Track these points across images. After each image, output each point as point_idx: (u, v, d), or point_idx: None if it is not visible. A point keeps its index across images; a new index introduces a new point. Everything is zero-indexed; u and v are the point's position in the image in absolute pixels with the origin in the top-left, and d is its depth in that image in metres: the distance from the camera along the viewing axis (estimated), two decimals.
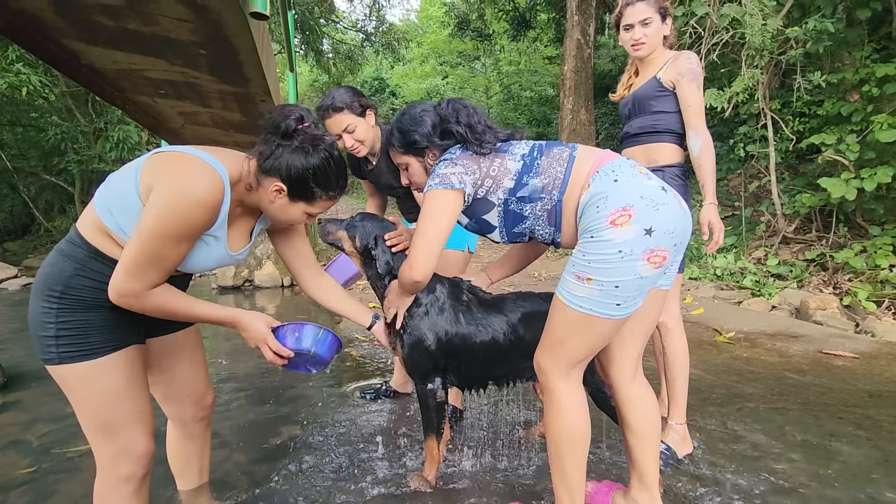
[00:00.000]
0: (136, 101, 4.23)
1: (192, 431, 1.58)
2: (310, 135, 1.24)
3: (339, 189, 1.30)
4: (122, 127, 9.71)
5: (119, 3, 2.33)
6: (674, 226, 1.24)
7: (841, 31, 4.89)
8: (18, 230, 13.99)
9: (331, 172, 1.25)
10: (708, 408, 2.48)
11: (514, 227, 1.44)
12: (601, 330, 1.28)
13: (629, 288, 1.22)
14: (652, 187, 1.25)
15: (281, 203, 1.26)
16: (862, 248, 4.81)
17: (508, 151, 1.43)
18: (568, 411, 1.34)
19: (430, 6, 23.24)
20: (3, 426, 2.52)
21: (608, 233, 1.21)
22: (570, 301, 1.28)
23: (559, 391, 1.34)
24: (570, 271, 1.29)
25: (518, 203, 1.39)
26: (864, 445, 2.08)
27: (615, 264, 1.20)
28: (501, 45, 14.00)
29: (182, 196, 1.10)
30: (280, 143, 1.21)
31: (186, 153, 1.17)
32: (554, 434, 1.37)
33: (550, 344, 1.35)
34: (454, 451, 2.04)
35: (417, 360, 1.70)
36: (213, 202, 1.15)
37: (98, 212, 1.17)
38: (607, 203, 1.23)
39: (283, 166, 1.21)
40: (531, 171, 1.37)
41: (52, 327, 1.16)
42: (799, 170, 6.20)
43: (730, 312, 4.41)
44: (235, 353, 3.75)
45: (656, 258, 1.22)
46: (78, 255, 1.18)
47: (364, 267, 1.82)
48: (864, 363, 3.12)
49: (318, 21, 15.62)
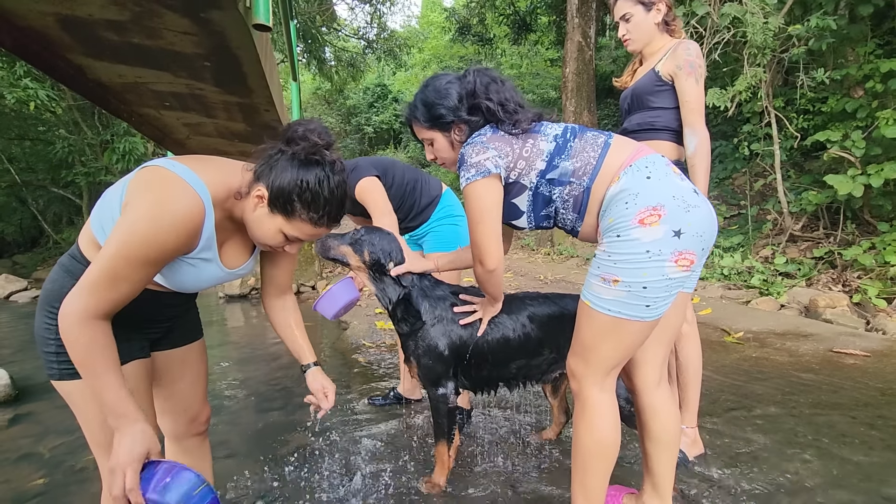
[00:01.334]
0: (141, 113, 4.28)
1: (187, 446, 1.56)
2: (313, 146, 1.13)
3: (326, 217, 1.16)
4: (128, 139, 9.83)
5: (124, 18, 2.36)
6: (703, 229, 1.21)
7: (844, 28, 4.87)
8: (28, 243, 14.16)
9: (320, 193, 1.12)
10: (717, 409, 2.46)
11: (542, 211, 1.38)
12: (632, 333, 1.24)
13: (658, 289, 1.18)
14: (685, 188, 1.21)
15: (259, 213, 1.16)
16: (871, 244, 4.77)
17: (541, 132, 1.36)
18: (600, 422, 1.30)
19: (431, 12, 23.36)
20: (15, 438, 2.54)
21: (636, 232, 1.17)
22: (598, 305, 1.24)
23: (593, 400, 1.30)
24: (595, 274, 1.25)
25: (547, 185, 1.33)
26: (877, 445, 2.05)
27: (643, 265, 1.17)
28: (503, 49, 14.03)
29: (154, 219, 1.03)
30: (281, 148, 1.14)
31: (170, 172, 1.08)
32: (582, 444, 1.33)
33: (581, 350, 1.31)
34: (464, 456, 2.04)
35: (431, 366, 1.70)
36: (188, 227, 1.07)
37: (93, 228, 1.15)
38: (637, 200, 1.18)
39: (273, 172, 1.12)
40: (563, 153, 1.31)
41: (52, 343, 1.15)
42: (804, 167, 6.16)
43: (738, 312, 4.38)
44: (244, 361, 3.77)
45: (684, 261, 1.18)
46: (77, 271, 1.15)
47: (373, 282, 1.75)
48: (875, 361, 3.08)
49: (320, 30, 15.75)
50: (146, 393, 1.29)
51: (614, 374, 1.32)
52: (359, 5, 16.98)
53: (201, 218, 1.10)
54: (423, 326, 1.70)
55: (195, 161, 1.16)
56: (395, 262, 1.70)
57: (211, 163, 1.18)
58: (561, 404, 2.11)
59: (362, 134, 20.74)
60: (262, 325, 5.37)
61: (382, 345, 3.97)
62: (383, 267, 1.70)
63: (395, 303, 1.72)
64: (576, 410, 1.35)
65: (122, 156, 9.74)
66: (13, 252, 13.83)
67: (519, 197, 1.37)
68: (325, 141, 1.15)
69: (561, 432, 2.18)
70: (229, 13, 2.30)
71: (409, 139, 19.39)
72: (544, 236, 8.93)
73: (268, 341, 4.47)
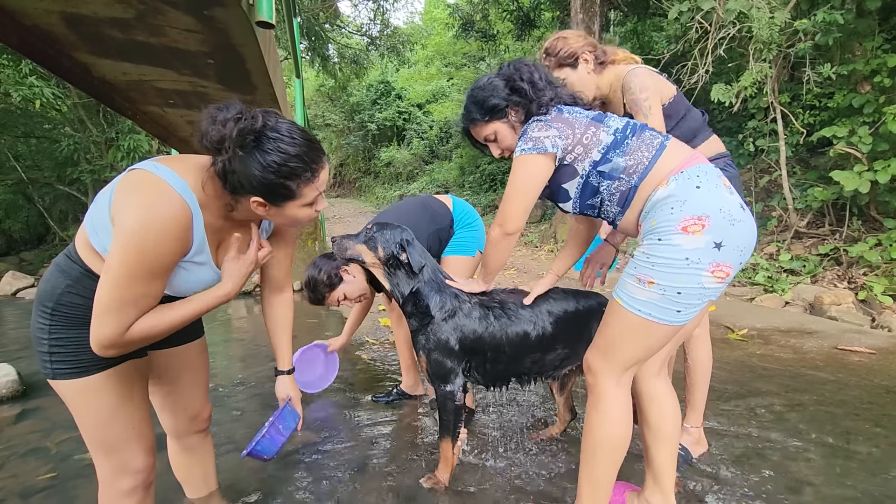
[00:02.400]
0: (146, 111, 4.30)
1: (187, 444, 1.57)
2: (246, 132, 1.06)
3: (315, 166, 1.14)
4: (132, 136, 9.86)
5: (128, 15, 2.37)
6: (745, 244, 1.22)
7: (851, 22, 4.82)
8: (34, 240, 14.25)
9: (294, 159, 1.09)
10: (722, 406, 2.45)
11: (588, 200, 1.40)
12: (658, 335, 1.26)
13: (691, 296, 1.20)
14: (732, 202, 1.22)
15: (272, 213, 1.16)
16: (877, 241, 4.74)
17: (604, 123, 1.37)
18: (613, 416, 1.32)
19: (434, 8, 23.27)
20: (23, 434, 2.56)
21: (678, 238, 1.18)
22: (630, 304, 1.25)
23: (608, 395, 1.32)
24: (631, 274, 1.26)
25: (597, 177, 1.34)
26: (882, 443, 2.05)
27: (680, 270, 1.18)
28: (506, 45, 13.96)
29: (143, 230, 1.02)
30: (225, 155, 1.07)
31: (153, 176, 1.07)
32: (593, 438, 1.34)
33: (605, 345, 1.32)
34: (468, 453, 2.05)
35: (440, 361, 1.71)
36: (178, 230, 1.07)
37: (87, 230, 1.15)
38: (683, 208, 1.19)
39: (244, 179, 1.08)
40: (618, 149, 1.32)
41: (45, 343, 1.16)
42: (810, 163, 6.12)
43: (742, 309, 4.36)
44: (248, 357, 3.79)
45: (721, 273, 1.19)
46: (72, 272, 1.17)
47: (387, 277, 1.77)
48: (880, 359, 3.07)
49: (323, 27, 15.75)
50: (139, 393, 1.29)
51: (632, 371, 1.34)
52: (362, 2, 17.01)
53: (189, 220, 1.09)
54: (432, 321, 1.71)
55: (178, 162, 1.14)
56: (407, 248, 1.74)
57: (192, 162, 1.15)
58: (567, 402, 2.11)
59: (366, 131, 20.73)
60: None
61: (386, 341, 3.98)
62: (398, 259, 1.73)
63: (406, 297, 1.75)
64: (589, 404, 1.36)
65: (126, 153, 9.77)
66: (20, 249, 13.93)
67: (570, 182, 1.39)
68: (236, 118, 1.07)
69: (565, 430, 2.18)
70: (232, 10, 2.30)
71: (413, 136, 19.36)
72: (548, 233, 8.92)
73: None
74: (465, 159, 15.28)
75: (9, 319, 6.58)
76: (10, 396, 3.05)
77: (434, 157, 18.65)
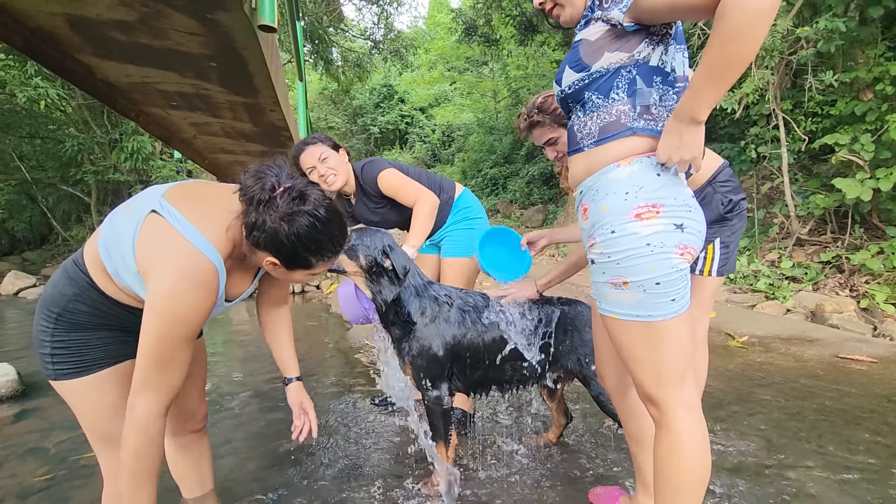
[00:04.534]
0: (149, 112, 4.32)
1: (182, 443, 1.58)
2: (289, 200, 1.10)
3: (336, 248, 1.20)
4: (136, 138, 9.91)
5: (131, 18, 2.39)
6: (701, 230, 1.17)
7: (853, 30, 4.83)
8: (37, 240, 14.30)
9: (321, 236, 1.14)
10: (720, 413, 2.44)
11: (587, 90, 1.20)
12: (675, 331, 1.14)
13: (671, 283, 1.11)
14: (687, 193, 1.16)
15: (280, 272, 1.20)
16: (879, 249, 4.73)
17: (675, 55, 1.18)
18: (687, 446, 1.14)
19: (438, 13, 23.39)
20: (21, 433, 2.57)
21: (632, 226, 1.10)
22: (626, 314, 1.15)
23: (676, 421, 1.15)
24: (602, 282, 1.17)
25: (621, 79, 1.15)
26: (882, 453, 2.03)
27: (647, 258, 1.10)
28: (509, 50, 14.02)
29: (177, 302, 1.08)
30: (260, 215, 1.11)
31: (178, 237, 1.09)
32: (669, 475, 1.16)
33: (638, 369, 1.18)
34: (464, 458, 2.04)
35: (425, 367, 1.71)
36: (210, 294, 1.12)
37: (99, 249, 1.16)
38: (639, 195, 1.11)
39: (270, 241, 1.11)
40: (654, 84, 1.15)
41: (47, 345, 1.18)
42: (812, 170, 6.11)
43: (743, 316, 4.35)
44: (248, 359, 3.79)
45: (688, 254, 1.13)
46: (80, 281, 1.19)
47: (370, 284, 1.72)
48: (882, 367, 3.05)
49: (326, 30, 15.82)
50: None
51: (689, 383, 1.17)
52: (366, 6, 17.05)
53: (217, 282, 1.14)
54: (415, 327, 1.70)
55: (198, 208, 1.15)
56: (391, 253, 1.71)
57: (209, 209, 1.16)
58: (559, 406, 2.10)
59: (368, 134, 20.80)
60: None
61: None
62: (381, 267, 1.69)
63: (388, 304, 1.72)
64: (657, 436, 1.20)
65: (130, 155, 9.81)
66: (23, 249, 13.99)
67: (610, 55, 1.14)
68: (288, 185, 1.12)
69: (562, 434, 2.17)
70: (235, 14, 2.32)
71: (415, 139, 19.41)
72: None
73: None
74: (467, 163, 15.31)
75: (10, 319, 6.60)
76: (10, 396, 3.05)
77: (436, 161, 18.70)
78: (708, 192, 1.81)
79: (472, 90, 17.41)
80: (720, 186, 1.81)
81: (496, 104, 16.00)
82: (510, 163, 13.95)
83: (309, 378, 3.25)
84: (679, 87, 1.17)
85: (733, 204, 1.80)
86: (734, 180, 1.86)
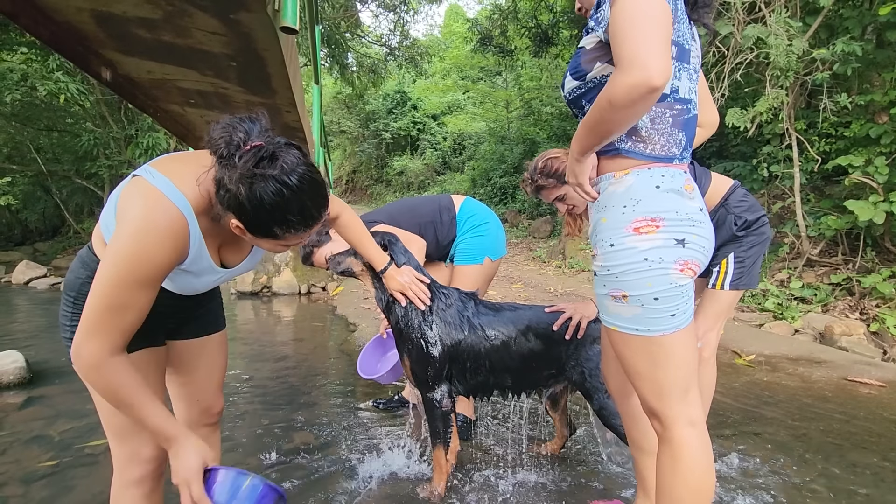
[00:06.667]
0: (166, 109, 4.38)
1: (197, 435, 1.59)
2: (253, 160, 0.97)
3: (308, 222, 1.06)
4: (151, 134, 10.05)
5: (156, 16, 2.43)
6: (708, 245, 1.14)
7: (870, 53, 4.81)
8: (49, 231, 14.49)
9: (289, 206, 1.00)
10: (724, 431, 2.42)
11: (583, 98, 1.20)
12: (676, 346, 1.12)
13: (670, 299, 1.09)
14: (691, 207, 1.12)
15: (247, 237, 1.09)
16: (891, 272, 4.68)
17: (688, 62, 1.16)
18: (692, 465, 1.12)
19: (454, 22, 23.58)
20: (27, 421, 2.59)
21: (630, 240, 1.09)
22: (626, 327, 1.14)
23: (679, 437, 1.13)
24: (604, 294, 1.17)
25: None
26: (888, 477, 2.00)
27: (645, 274, 1.08)
28: (523, 61, 14.07)
29: (137, 239, 1.01)
30: (221, 173, 1.01)
31: (148, 185, 1.05)
32: (673, 495, 1.13)
33: (640, 383, 1.17)
34: (465, 462, 2.04)
35: (422, 367, 1.71)
36: (173, 241, 1.05)
37: (101, 228, 1.18)
38: (636, 208, 1.09)
39: (232, 202, 1.00)
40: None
41: (68, 329, 1.19)
42: (825, 191, 6.06)
43: (750, 335, 4.31)
44: (253, 358, 3.80)
45: (690, 270, 1.10)
46: (92, 265, 1.19)
47: (373, 283, 1.81)
48: (891, 392, 3.01)
49: (343, 35, 16.01)
50: (157, 380, 1.32)
51: (692, 398, 1.14)
52: (383, 13, 17.23)
53: (184, 230, 1.07)
54: (416, 327, 1.72)
55: (175, 166, 1.11)
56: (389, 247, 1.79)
57: (192, 165, 1.11)
58: (563, 417, 2.10)
59: (380, 139, 20.93)
60: (272, 322, 5.41)
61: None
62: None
63: (389, 303, 1.77)
64: (660, 452, 1.18)
65: (145, 150, 9.95)
66: (35, 240, 14.17)
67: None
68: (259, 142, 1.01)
69: (564, 445, 2.16)
70: (258, 15, 2.35)
71: (427, 146, 19.50)
72: (556, 249, 8.90)
73: (276, 339, 4.51)
74: (476, 171, 15.34)
75: (21, 308, 6.67)
76: (18, 383, 3.09)
77: (446, 168, 18.75)
78: (721, 214, 1.83)
79: (484, 99, 17.48)
80: (734, 207, 1.83)
81: (508, 114, 16.05)
82: (520, 173, 13.93)
83: (313, 379, 3.26)
84: (678, 108, 1.12)
85: (748, 223, 1.81)
86: (749, 199, 1.86)
